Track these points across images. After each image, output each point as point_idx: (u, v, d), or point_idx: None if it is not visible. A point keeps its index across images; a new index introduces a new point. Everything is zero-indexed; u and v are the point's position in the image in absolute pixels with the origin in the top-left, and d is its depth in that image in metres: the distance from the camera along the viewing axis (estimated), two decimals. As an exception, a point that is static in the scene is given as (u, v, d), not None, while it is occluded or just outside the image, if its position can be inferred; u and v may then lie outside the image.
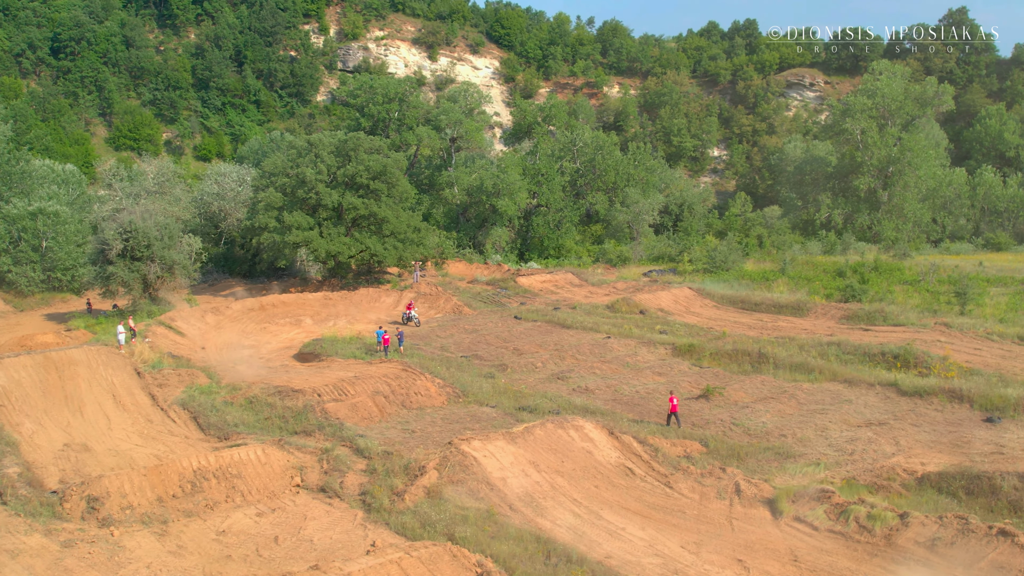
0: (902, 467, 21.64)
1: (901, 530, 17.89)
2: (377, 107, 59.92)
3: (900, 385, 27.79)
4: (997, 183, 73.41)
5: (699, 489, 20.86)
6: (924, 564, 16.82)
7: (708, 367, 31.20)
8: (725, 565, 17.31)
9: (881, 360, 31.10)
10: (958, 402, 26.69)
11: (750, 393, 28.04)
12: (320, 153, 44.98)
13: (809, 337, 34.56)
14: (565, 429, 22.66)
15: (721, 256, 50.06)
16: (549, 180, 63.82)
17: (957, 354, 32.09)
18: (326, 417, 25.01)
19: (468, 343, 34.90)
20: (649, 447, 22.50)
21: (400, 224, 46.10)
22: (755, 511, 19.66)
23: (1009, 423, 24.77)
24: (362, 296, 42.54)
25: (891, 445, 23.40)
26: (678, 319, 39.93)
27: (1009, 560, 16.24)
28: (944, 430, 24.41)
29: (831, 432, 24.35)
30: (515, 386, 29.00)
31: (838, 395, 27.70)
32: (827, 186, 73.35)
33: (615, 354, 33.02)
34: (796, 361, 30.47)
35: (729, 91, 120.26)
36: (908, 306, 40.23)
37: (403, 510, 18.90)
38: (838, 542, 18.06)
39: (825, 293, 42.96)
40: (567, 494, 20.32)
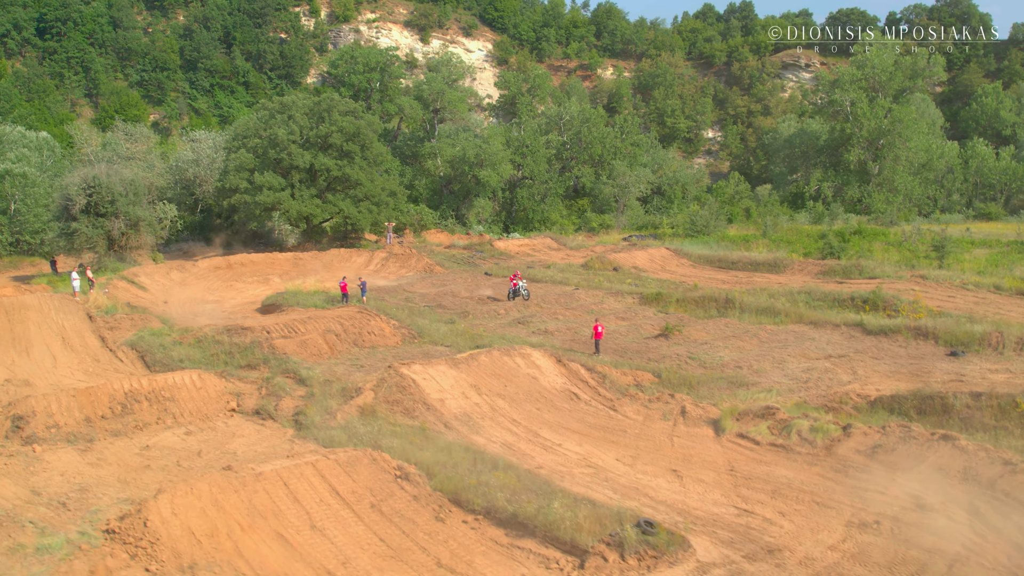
0: (856, 392, 21.05)
1: (843, 440, 17.30)
2: (358, 76, 59.31)
3: (866, 325, 27.23)
4: (989, 155, 72.49)
5: (644, 412, 20.30)
6: (862, 470, 16.22)
7: (673, 313, 30.60)
8: (658, 475, 16.75)
9: (850, 305, 30.49)
10: (923, 339, 26.11)
11: (711, 333, 27.44)
12: (293, 114, 44.43)
13: (781, 287, 33.94)
14: (511, 356, 22.11)
15: (703, 221, 49.36)
16: (534, 152, 63.18)
17: (929, 301, 31.42)
18: (273, 352, 24.51)
19: (434, 295, 34.35)
20: (597, 374, 21.93)
21: (375, 187, 45.54)
22: (698, 430, 19.09)
23: (973, 356, 24.18)
24: (333, 256, 42.02)
25: (848, 374, 22.79)
26: (652, 275, 39.31)
27: (949, 462, 15.63)
28: (906, 363, 23.79)
29: (789, 364, 23.75)
30: (474, 330, 28.45)
31: (802, 335, 27.09)
32: (818, 160, 72.53)
33: (580, 303, 32.43)
34: (762, 305, 29.87)
35: (724, 73, 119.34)
36: (886, 262, 39.51)
37: (333, 427, 18.39)
38: (778, 454, 17.47)
39: (804, 252, 42.27)
40: (507, 415, 19.77)
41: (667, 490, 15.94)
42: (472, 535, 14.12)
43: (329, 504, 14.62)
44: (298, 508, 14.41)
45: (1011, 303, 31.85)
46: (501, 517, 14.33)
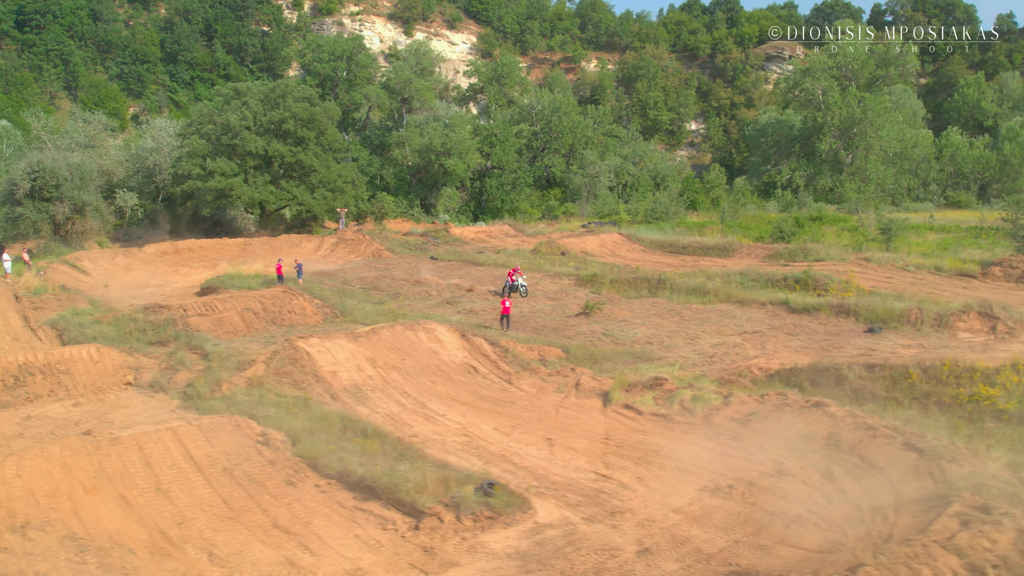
0: (758, 366, 20.90)
1: (721, 409, 17.17)
2: (323, 65, 59.13)
3: (791, 303, 27.09)
4: (964, 144, 72.09)
5: (540, 385, 20.19)
6: (734, 437, 16.08)
7: (605, 293, 30.46)
8: (532, 443, 16.64)
9: (783, 285, 30.32)
10: (844, 316, 25.97)
11: (635, 312, 27.30)
12: (247, 100, 44.31)
13: (720, 269, 33.78)
14: (414, 331, 22.00)
15: (662, 207, 49.13)
16: (503, 141, 62.99)
17: (866, 281, 31.30)
18: (187, 329, 24.43)
19: (372, 278, 34.24)
20: (500, 349, 21.81)
21: (331, 174, 45.42)
22: (587, 401, 18.97)
23: (890, 332, 24.04)
24: (283, 242, 41.93)
25: (757, 349, 22.64)
26: (599, 260, 39.15)
27: (815, 428, 15.50)
28: (820, 338, 23.63)
29: (701, 341, 23.60)
30: (400, 310, 28.34)
31: (726, 313, 26.94)
32: (792, 150, 72.22)
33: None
34: (693, 285, 29.72)
35: (708, 65, 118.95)
36: (836, 246, 39.32)
37: (217, 397, 18.30)
38: (658, 423, 17.35)
39: (756, 237, 42.08)
40: (399, 387, 19.66)
41: (534, 457, 15.83)
42: (320, 498, 14.03)
43: (181, 468, 14.54)
44: (148, 471, 14.33)
45: (947, 283, 31.69)
46: (351, 481, 14.26)
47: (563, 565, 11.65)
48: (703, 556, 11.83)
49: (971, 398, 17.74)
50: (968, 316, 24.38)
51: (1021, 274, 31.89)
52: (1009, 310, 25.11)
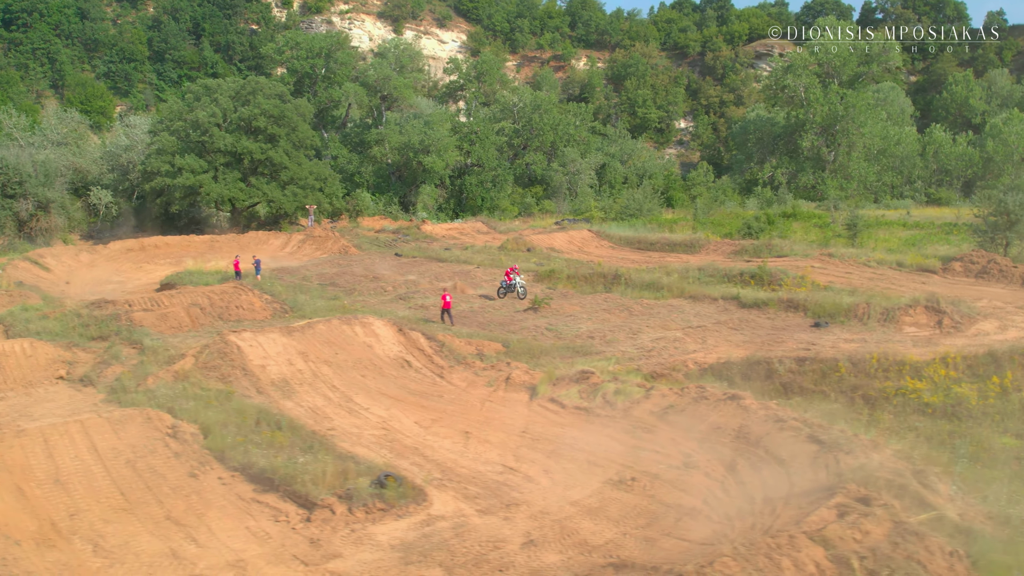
0: (694, 360, 20.78)
1: (642, 402, 17.06)
2: (301, 63, 59.03)
3: (741, 298, 26.98)
4: (947, 141, 71.85)
5: (471, 379, 20.08)
6: (649, 430, 15.98)
7: (561, 289, 30.35)
8: (448, 436, 16.54)
9: (739, 280, 30.19)
10: (793, 311, 25.85)
11: (585, 307, 27.19)
12: (217, 97, 44.24)
13: (680, 265, 33.66)
14: (351, 325, 21.91)
15: (636, 204, 48.99)
16: (483, 139, 62.87)
17: (824, 277, 31.20)
18: (130, 324, 24.34)
19: (332, 274, 34.15)
20: (437, 343, 21.71)
21: (302, 171, 45.33)
22: (515, 395, 18.86)
23: (836, 327, 23.92)
24: (250, 239, 41.86)
25: (697, 344, 22.51)
26: (565, 256, 39.04)
27: (728, 421, 15.37)
28: (765, 333, 23.51)
29: (643, 335, 23.48)
30: (353, 305, 28.26)
31: (676, 308, 26.82)
32: (775, 147, 72.04)
33: (472, 280, 32.21)
34: (648, 281, 29.59)
35: (698, 63, 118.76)
36: (804, 241, 39.21)
37: (140, 391, 18.21)
38: (579, 417, 17.23)
39: (725, 233, 41.96)
40: (327, 381, 19.57)
41: (447, 450, 15.72)
42: (220, 490, 13.93)
43: (83, 459, 14.46)
44: (50, 463, 14.26)
45: (906, 278, 31.56)
46: (253, 473, 14.16)
47: (444, 556, 11.55)
48: (587, 548, 11.72)
49: (898, 391, 17.63)
50: (915, 310, 24.26)
51: (981, 269, 31.75)
52: (957, 304, 24.97)
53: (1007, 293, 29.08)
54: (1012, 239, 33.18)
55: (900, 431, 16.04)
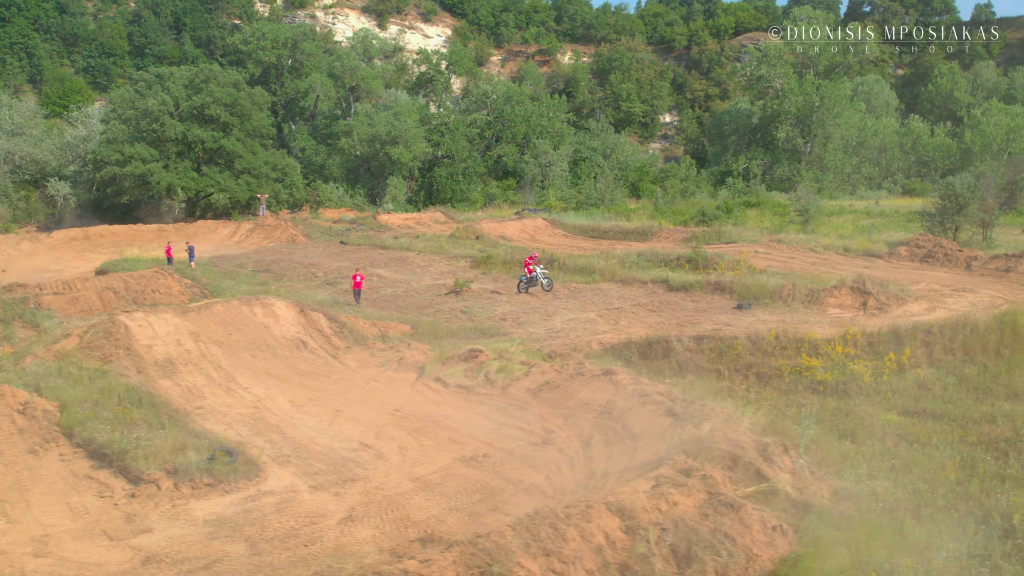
0: (599, 340, 20.21)
1: (521, 380, 16.49)
2: (266, 53, 58.48)
3: (670, 281, 26.40)
4: (925, 132, 71.06)
5: (365, 360, 19.54)
6: (521, 407, 15.42)
7: (494, 273, 29.79)
8: (317, 415, 15.99)
9: (675, 264, 29.61)
10: (720, 293, 25.29)
11: (511, 291, 26.59)
12: (169, 85, 43.71)
13: (625, 251, 33.10)
14: (250, 306, 21.35)
15: (598, 194, 48.36)
16: (453, 130, 62.30)
17: (766, 261, 30.61)
18: (37, 308, 23.84)
19: (269, 261, 33.62)
20: (338, 324, 21.16)
21: (256, 161, 44.78)
22: (403, 375, 18.32)
23: (759, 308, 23.36)
24: (198, 228, 41.34)
25: (609, 325, 21.93)
26: (514, 244, 38.46)
27: (597, 396, 14.80)
28: (683, 315, 22.90)
29: (557, 317, 22.90)
30: (278, 291, 27.73)
31: (603, 291, 26.26)
32: (752, 139, 71.36)
33: (407, 266, 31.68)
34: (581, 265, 29.03)
35: (684, 57, 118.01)
36: (757, 228, 38.56)
37: (14, 370, 17.68)
38: (458, 395, 16.67)
39: (680, 220, 41.33)
40: (215, 361, 19.00)
41: (309, 428, 15.17)
42: (57, 467, 13.39)
43: (-81, 436, 13.94)
44: None
45: (849, 263, 30.95)
46: (93, 449, 13.64)
47: (254, 531, 11.01)
48: (406, 523, 11.17)
49: (792, 369, 17.04)
50: (840, 292, 23.66)
51: (926, 253, 31.11)
52: (884, 286, 24.38)
53: (949, 276, 28.46)
54: (961, 223, 32.51)
55: (784, 407, 15.45)
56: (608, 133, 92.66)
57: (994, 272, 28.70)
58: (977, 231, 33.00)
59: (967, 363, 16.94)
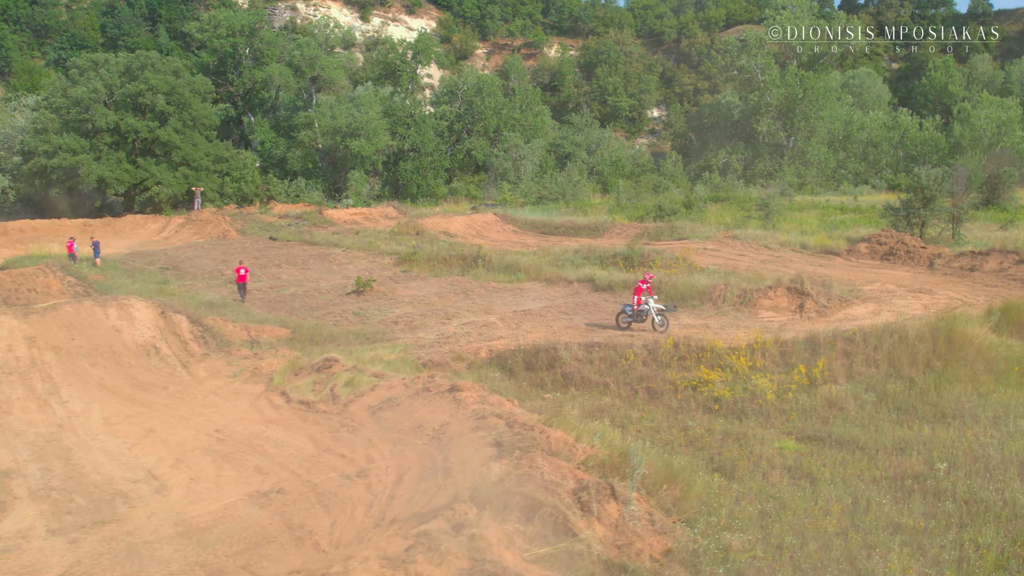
0: (489, 347, 17.88)
1: (366, 395, 14.16)
2: (220, 41, 56.20)
3: (596, 280, 24.06)
4: (913, 126, 68.41)
5: (219, 369, 17.23)
6: (353, 428, 13.12)
7: (415, 271, 27.48)
8: (127, 435, 13.70)
9: (610, 262, 27.26)
10: (647, 294, 22.91)
11: (422, 290, 24.30)
12: (102, 72, 41.47)
13: (564, 248, 30.78)
14: (104, 307, 19.05)
15: (559, 188, 45.97)
16: (419, 122, 59.96)
17: (712, 258, 28.26)
18: None
19: (183, 258, 31.35)
20: (201, 328, 18.86)
21: (196, 152, 42.52)
22: (250, 387, 16.00)
23: (687, 310, 21.05)
24: (126, 223, 39.12)
25: (510, 329, 19.58)
26: (460, 240, 36.14)
27: (434, 417, 12.45)
28: (597, 318, 20.56)
29: (455, 320, 20.56)
30: (180, 290, 25.50)
31: (521, 291, 23.93)
32: (734, 133, 68.84)
33: (328, 264, 29.39)
34: (508, 263, 26.71)
35: (674, 50, 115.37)
36: (716, 224, 36.16)
37: None
38: (295, 413, 14.36)
39: (638, 216, 38.95)
40: (45, 371, 16.70)
41: (102, 452, 12.90)
42: None
43: None
44: None
45: (804, 260, 28.58)
46: None
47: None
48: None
49: (689, 384, 14.68)
50: (775, 293, 21.29)
51: (888, 251, 28.67)
52: (827, 286, 22.02)
53: (908, 276, 26.06)
54: (928, 218, 30.04)
55: (664, 430, 13.09)
56: (593, 128, 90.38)
57: (958, 271, 26.28)
58: (947, 227, 30.53)
59: (892, 377, 14.56)
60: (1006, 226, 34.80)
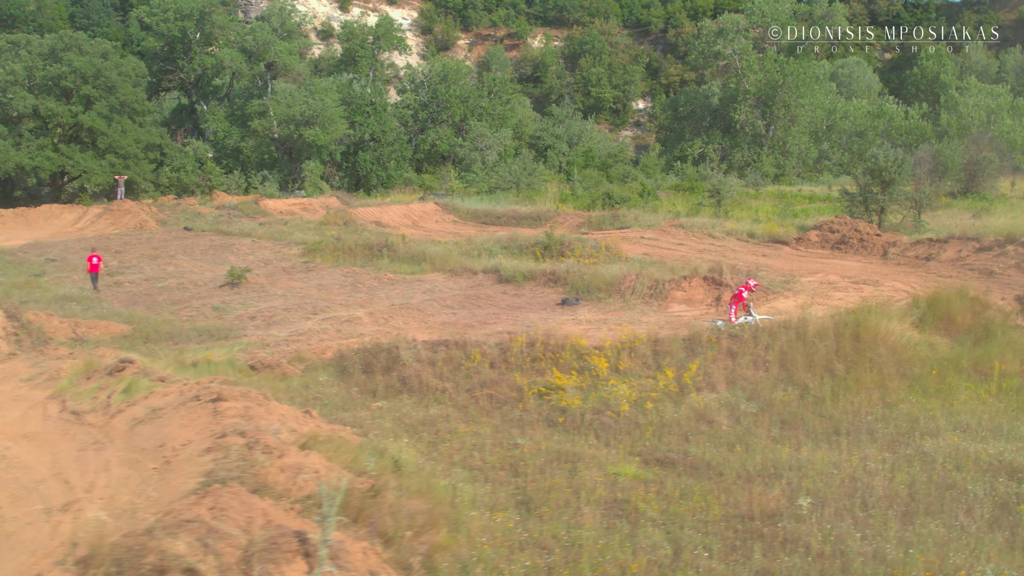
0: (338, 347, 15.43)
1: (136, 404, 11.67)
2: (168, 25, 53.77)
3: (501, 271, 21.61)
4: (898, 114, 65.65)
5: (16, 371, 14.73)
6: (101, 445, 10.57)
7: (316, 262, 25.06)
8: None
9: (530, 251, 24.78)
10: (552, 285, 20.47)
11: (307, 282, 21.84)
12: (22, 53, 39.09)
13: (486, 236, 28.33)
14: (-95, 300, 16.69)
15: (513, 176, 43.46)
16: (379, 111, 57.46)
17: (648, 248, 25.80)
18: None
19: (75, 250, 28.88)
20: (18, 324, 16.44)
21: (125, 139, 40.11)
22: (37, 393, 13.42)
23: (592, 303, 18.61)
24: (40, 213, 36.70)
25: (375, 326, 17.10)
26: (390, 231, 33.66)
27: (180, 434, 9.89)
28: (486, 312, 18.09)
29: (318, 316, 18.07)
30: (51, 283, 23.12)
31: (416, 282, 21.52)
32: (713, 121, 66.11)
33: (230, 253, 26.99)
34: (414, 252, 24.28)
35: (661, 40, 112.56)
36: (669, 212, 33.63)
37: None
38: (60, 425, 11.83)
39: (587, 204, 36.43)
40: None
41: None
42: None
43: None
44: None
45: (747, 250, 26.09)
46: None
47: None
48: None
49: (539, 390, 12.18)
50: (690, 284, 18.79)
51: (840, 239, 26.10)
52: (753, 277, 19.42)
53: (858, 266, 23.53)
54: (887, 204, 27.44)
55: (489, 449, 10.57)
56: (575, 119, 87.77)
57: (912, 260, 23.74)
58: (909, 214, 27.93)
59: (783, 383, 12.04)
60: (979, 214, 32.26)
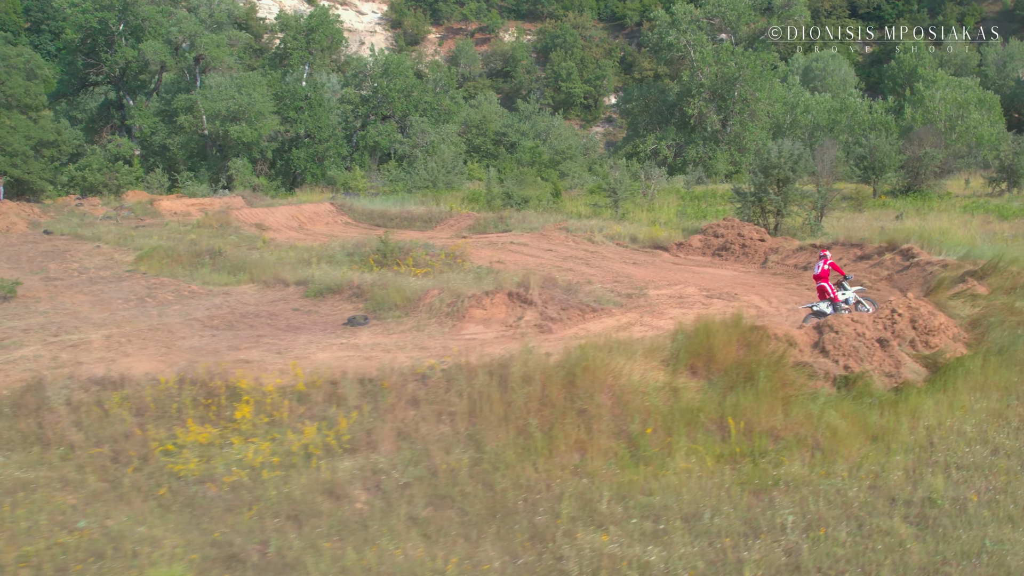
0: (25, 380, 13.01)
1: None
2: (86, 16, 51.51)
3: (309, 283, 19.21)
4: (863, 108, 62.84)
5: None
6: None
7: (140, 271, 22.72)
8: None
9: (364, 259, 22.38)
10: (355, 300, 18.05)
11: (100, 295, 19.47)
12: (-101, 44, 36.84)
13: (336, 242, 26.02)
14: None
15: (429, 174, 40.99)
16: (314, 106, 55.11)
17: (510, 255, 23.42)
18: None
19: (-92, 253, 26.65)
20: None
21: (14, 136, 37.85)
22: None
23: (380, 323, 16.13)
24: (-92, 214, 34.46)
25: (106, 353, 14.61)
26: (271, 234, 31.29)
27: None
28: (258, 333, 15.65)
29: (60, 337, 15.66)
30: None
31: (225, 295, 19.09)
32: (670, 116, 63.46)
33: (55, 260, 24.64)
34: (237, 261, 21.90)
35: (637, 34, 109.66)
36: (568, 214, 31.16)
37: None
38: None
39: (491, 206, 33.98)
40: None
41: None
42: None
43: None
44: None
45: (621, 256, 23.68)
46: None
47: None
48: None
49: (167, 448, 9.73)
50: (493, 300, 16.31)
51: (723, 244, 23.55)
52: (574, 291, 17.03)
53: (731, 275, 21.01)
54: (783, 205, 24.85)
55: (26, 535, 8.13)
56: (542, 115, 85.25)
57: (790, 269, 21.20)
58: (811, 215, 25.33)
59: (463, 442, 9.55)
60: (902, 216, 29.68)
